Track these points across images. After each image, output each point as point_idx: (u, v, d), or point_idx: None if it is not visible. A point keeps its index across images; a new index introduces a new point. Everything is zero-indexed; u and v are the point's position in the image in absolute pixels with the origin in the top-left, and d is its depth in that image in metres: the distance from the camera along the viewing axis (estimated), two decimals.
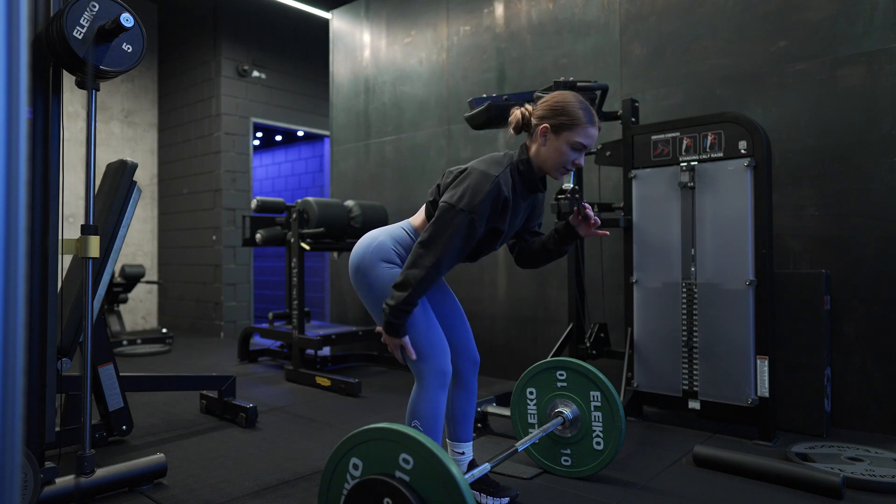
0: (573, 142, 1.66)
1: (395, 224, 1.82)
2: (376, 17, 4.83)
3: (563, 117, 1.66)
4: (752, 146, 2.53)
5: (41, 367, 1.81)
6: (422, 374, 1.68)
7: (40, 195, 1.80)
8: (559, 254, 1.84)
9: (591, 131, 1.66)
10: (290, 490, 2.04)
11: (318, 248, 4.03)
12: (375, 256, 1.71)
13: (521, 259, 1.93)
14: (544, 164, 1.71)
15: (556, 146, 1.67)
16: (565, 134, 1.66)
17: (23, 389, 0.56)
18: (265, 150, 8.29)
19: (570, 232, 1.78)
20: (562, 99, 1.69)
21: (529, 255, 1.90)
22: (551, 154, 1.68)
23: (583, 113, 1.66)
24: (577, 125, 1.65)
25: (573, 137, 1.65)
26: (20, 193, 0.55)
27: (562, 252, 1.84)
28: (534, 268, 1.94)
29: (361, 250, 1.74)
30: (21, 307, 0.55)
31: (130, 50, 1.88)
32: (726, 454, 2.16)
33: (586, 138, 1.66)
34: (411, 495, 1.24)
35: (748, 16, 3.02)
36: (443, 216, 1.60)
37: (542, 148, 1.69)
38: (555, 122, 1.66)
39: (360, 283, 1.73)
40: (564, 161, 1.68)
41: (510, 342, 3.90)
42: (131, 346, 4.98)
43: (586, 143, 1.66)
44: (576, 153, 1.67)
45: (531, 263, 1.92)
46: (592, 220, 1.72)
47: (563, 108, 1.66)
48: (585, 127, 1.65)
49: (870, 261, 2.66)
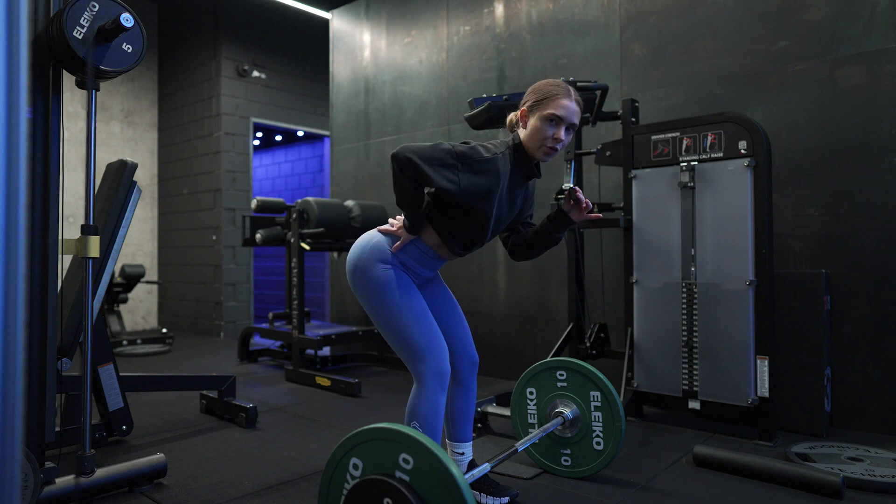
0: (546, 114, 1.68)
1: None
2: (376, 17, 4.83)
3: (534, 96, 1.71)
4: (752, 146, 2.53)
5: (41, 367, 1.81)
6: (420, 375, 1.68)
7: (40, 195, 1.80)
8: (553, 241, 1.83)
9: (563, 102, 1.68)
10: (290, 490, 2.04)
11: (318, 248, 4.03)
12: (372, 257, 1.72)
13: (514, 251, 1.91)
14: (529, 145, 1.73)
15: (533, 125, 1.70)
16: (538, 110, 1.69)
17: (23, 389, 0.56)
18: (265, 150, 8.29)
19: (562, 218, 1.78)
20: (536, 84, 1.75)
21: (523, 245, 1.88)
22: (531, 133, 1.71)
23: (553, 87, 1.70)
24: (548, 98, 1.68)
25: (546, 110, 1.68)
26: (20, 193, 0.55)
27: (556, 239, 1.82)
28: (528, 259, 1.91)
29: (358, 251, 1.74)
30: (21, 307, 0.55)
31: (130, 50, 1.88)
32: (726, 454, 2.16)
33: (559, 108, 1.67)
34: (411, 495, 1.24)
35: (748, 16, 3.02)
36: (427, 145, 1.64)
37: (523, 131, 1.74)
38: (530, 102, 1.72)
39: (357, 284, 1.74)
40: (543, 136, 1.69)
41: (510, 342, 3.90)
42: (131, 346, 4.98)
43: (560, 114, 1.67)
44: (553, 127, 1.68)
45: (525, 254, 1.89)
46: (584, 204, 1.73)
47: (535, 88, 1.73)
48: (556, 98, 1.68)
49: (870, 261, 2.66)
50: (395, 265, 1.72)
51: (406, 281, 1.72)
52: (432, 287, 1.89)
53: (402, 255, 1.74)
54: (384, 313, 1.69)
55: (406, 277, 1.73)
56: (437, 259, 1.80)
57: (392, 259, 1.72)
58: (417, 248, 1.76)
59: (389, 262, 1.72)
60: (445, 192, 1.62)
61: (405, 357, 1.71)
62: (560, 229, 1.79)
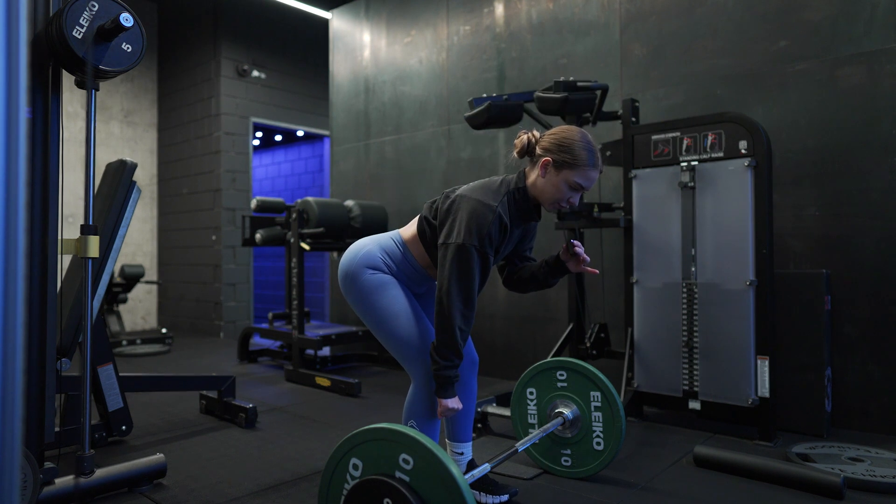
0: (572, 181, 1.66)
1: (385, 234, 1.83)
2: (376, 16, 4.82)
3: (566, 155, 1.64)
4: (753, 146, 2.53)
5: (41, 367, 1.81)
6: (416, 375, 1.70)
7: (40, 195, 1.80)
8: (547, 285, 1.87)
9: (591, 174, 1.66)
10: (290, 490, 2.03)
11: (317, 248, 4.03)
12: (361, 263, 1.73)
13: (509, 282, 1.95)
14: (540, 196, 1.71)
15: (554, 182, 1.67)
16: (566, 171, 1.65)
17: (22, 389, 0.56)
18: (265, 150, 8.28)
19: (559, 266, 1.81)
20: (569, 135, 1.67)
21: (518, 280, 1.92)
22: (548, 188, 1.68)
23: (587, 154, 1.65)
24: (579, 166, 1.64)
25: (573, 177, 1.65)
26: (20, 193, 0.55)
27: (550, 284, 1.87)
28: (520, 293, 1.97)
29: (349, 259, 1.75)
30: (21, 307, 0.54)
31: (130, 50, 1.88)
32: (726, 454, 2.16)
33: (585, 180, 1.66)
34: (411, 495, 1.24)
35: (748, 16, 3.02)
36: (453, 257, 1.59)
37: (540, 179, 1.69)
38: (558, 158, 1.65)
39: (348, 291, 1.75)
40: (560, 198, 1.68)
41: (510, 342, 3.90)
42: (131, 346, 4.97)
43: (585, 185, 1.67)
44: (573, 192, 1.68)
45: (519, 289, 1.94)
46: (582, 258, 1.75)
47: (568, 146, 1.65)
48: (586, 169, 1.65)
49: (870, 261, 2.66)
50: (383, 272, 1.73)
51: (395, 284, 1.73)
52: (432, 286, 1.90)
53: (393, 267, 1.75)
54: (376, 316, 1.71)
55: (395, 280, 1.74)
56: (429, 278, 1.83)
57: (382, 266, 1.73)
58: (410, 266, 1.78)
59: (378, 269, 1.73)
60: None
61: (400, 357, 1.72)
62: (556, 276, 1.83)
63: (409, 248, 1.78)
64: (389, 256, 1.76)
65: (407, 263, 1.77)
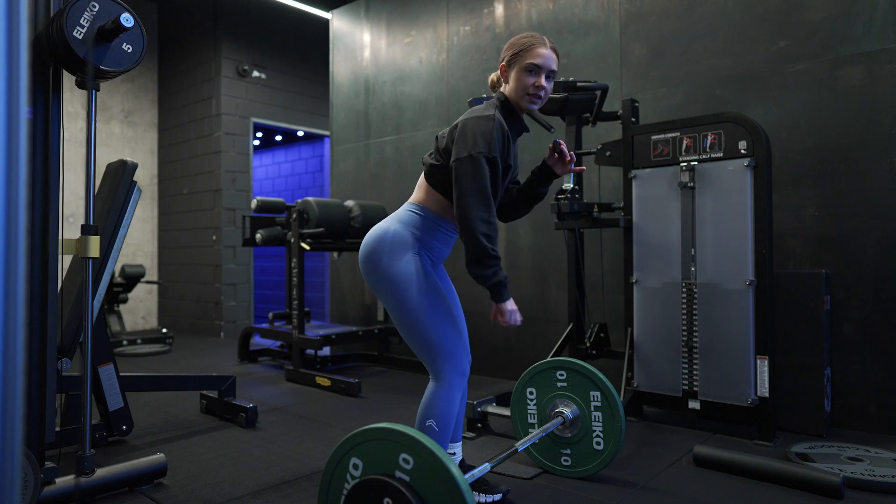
0: (525, 65, 1.71)
1: (397, 210, 1.81)
2: (376, 17, 4.83)
3: (509, 51, 1.75)
4: (752, 146, 2.53)
5: (41, 367, 1.81)
6: (443, 373, 1.66)
7: (40, 195, 1.80)
8: (539, 196, 1.89)
9: (539, 51, 1.71)
10: (290, 490, 2.04)
11: (318, 248, 4.03)
12: (394, 248, 1.68)
13: (501, 211, 1.94)
14: (514, 97, 1.76)
15: (515, 76, 1.74)
16: (517, 63, 1.73)
17: (23, 389, 0.56)
18: (265, 150, 8.29)
19: (546, 171, 1.84)
20: (512, 38, 1.78)
21: (509, 204, 1.93)
22: (514, 85, 1.75)
23: (528, 38, 1.73)
24: (524, 49, 1.72)
25: (524, 62, 1.71)
26: (20, 193, 0.55)
27: (541, 194, 1.89)
28: (515, 218, 1.97)
29: (376, 244, 1.69)
30: (21, 307, 0.55)
31: (130, 50, 1.88)
32: (726, 454, 2.16)
33: (536, 58, 1.71)
34: (411, 495, 1.24)
35: (748, 16, 3.02)
36: (464, 170, 1.61)
37: (507, 85, 1.77)
38: (507, 58, 1.76)
39: (377, 277, 1.69)
40: (525, 86, 1.72)
41: (510, 342, 3.90)
42: (131, 346, 4.98)
43: (538, 63, 1.70)
44: (533, 76, 1.72)
45: (512, 213, 1.95)
46: (568, 158, 1.79)
47: (511, 43, 1.76)
48: (533, 48, 1.71)
49: (870, 261, 2.66)
50: (419, 252, 1.70)
51: (430, 273, 1.70)
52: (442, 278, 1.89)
53: (427, 238, 1.73)
54: (408, 309, 1.65)
55: (430, 269, 1.72)
56: (456, 231, 1.80)
57: (415, 244, 1.70)
58: (435, 224, 1.75)
59: (413, 250, 1.69)
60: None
61: (426, 353, 1.67)
62: (544, 183, 1.86)
63: (427, 206, 1.76)
64: (415, 227, 1.73)
65: (432, 223, 1.75)
